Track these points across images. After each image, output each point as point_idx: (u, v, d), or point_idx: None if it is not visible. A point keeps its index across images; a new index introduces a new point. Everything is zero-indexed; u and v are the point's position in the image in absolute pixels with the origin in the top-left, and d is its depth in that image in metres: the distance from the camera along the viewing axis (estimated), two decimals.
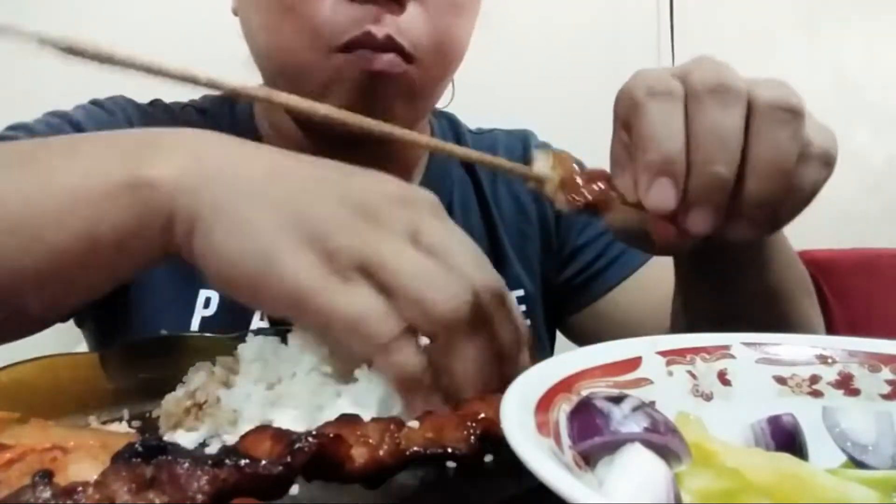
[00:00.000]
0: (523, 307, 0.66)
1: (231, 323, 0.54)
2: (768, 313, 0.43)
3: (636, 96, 0.34)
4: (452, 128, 0.74)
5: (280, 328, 0.45)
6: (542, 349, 0.69)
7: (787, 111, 0.32)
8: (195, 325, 0.57)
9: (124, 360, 0.43)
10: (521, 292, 0.67)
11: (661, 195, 0.31)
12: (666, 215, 0.32)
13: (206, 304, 0.57)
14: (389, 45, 0.52)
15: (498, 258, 0.67)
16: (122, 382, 0.41)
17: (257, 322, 0.57)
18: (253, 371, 0.39)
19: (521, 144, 0.74)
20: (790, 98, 0.32)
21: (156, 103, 0.66)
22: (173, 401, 0.38)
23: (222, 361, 0.41)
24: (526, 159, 0.71)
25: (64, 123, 0.59)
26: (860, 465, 0.29)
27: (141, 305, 0.58)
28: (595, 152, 0.87)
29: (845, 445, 0.29)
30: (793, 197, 0.33)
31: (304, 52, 0.54)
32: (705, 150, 0.31)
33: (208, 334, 0.47)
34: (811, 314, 0.51)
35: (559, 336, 0.74)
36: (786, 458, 0.26)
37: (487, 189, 0.69)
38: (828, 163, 0.34)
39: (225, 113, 0.66)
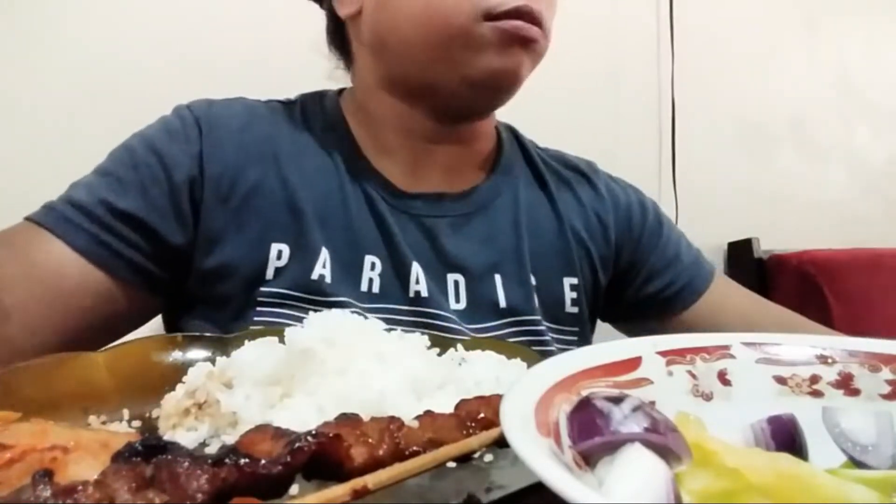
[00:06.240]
0: (574, 294, 0.72)
1: (300, 273, 0.61)
2: None
3: None
4: (513, 134, 0.81)
5: (276, 328, 0.45)
6: (584, 338, 0.74)
7: None
8: (270, 275, 0.62)
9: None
10: (574, 280, 0.72)
11: None
12: None
13: (279, 255, 0.62)
14: (538, 17, 0.62)
15: (564, 248, 0.73)
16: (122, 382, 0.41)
17: (319, 270, 0.62)
18: (252, 373, 0.39)
19: (590, 170, 0.80)
20: None
21: (241, 100, 0.71)
22: (173, 401, 0.38)
23: (221, 362, 0.41)
24: (594, 185, 0.77)
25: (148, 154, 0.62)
26: (860, 465, 0.29)
27: (210, 262, 0.62)
28: (594, 151, 0.87)
29: (845, 445, 0.29)
30: None
31: (460, 17, 0.61)
32: None
33: (208, 334, 0.48)
34: None
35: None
36: (786, 458, 0.26)
37: (554, 191, 0.75)
38: None
39: (316, 106, 0.73)
